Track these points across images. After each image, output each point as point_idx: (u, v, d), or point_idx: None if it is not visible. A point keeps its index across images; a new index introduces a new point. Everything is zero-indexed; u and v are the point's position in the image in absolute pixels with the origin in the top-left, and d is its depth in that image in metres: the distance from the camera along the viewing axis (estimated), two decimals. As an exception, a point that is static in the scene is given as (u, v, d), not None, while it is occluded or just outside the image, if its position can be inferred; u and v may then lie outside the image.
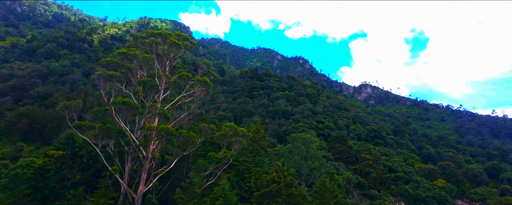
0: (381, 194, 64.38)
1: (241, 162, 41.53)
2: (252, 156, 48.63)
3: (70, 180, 48.86)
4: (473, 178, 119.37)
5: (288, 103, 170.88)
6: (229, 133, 33.32)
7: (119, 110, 30.19)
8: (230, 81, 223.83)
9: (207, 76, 37.90)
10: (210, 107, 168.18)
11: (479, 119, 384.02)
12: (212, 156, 31.73)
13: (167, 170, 32.68)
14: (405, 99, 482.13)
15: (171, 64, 35.54)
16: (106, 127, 30.37)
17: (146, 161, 30.87)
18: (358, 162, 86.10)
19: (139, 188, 30.50)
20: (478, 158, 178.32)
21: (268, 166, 44.45)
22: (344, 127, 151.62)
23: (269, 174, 29.04)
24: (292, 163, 49.89)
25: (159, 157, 32.84)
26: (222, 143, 34.39)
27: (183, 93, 34.63)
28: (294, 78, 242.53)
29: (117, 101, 28.79)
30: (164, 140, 30.51)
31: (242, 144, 34.73)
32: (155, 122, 32.84)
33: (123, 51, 32.57)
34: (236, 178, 40.94)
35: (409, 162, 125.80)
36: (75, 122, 30.04)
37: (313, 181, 50.63)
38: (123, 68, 34.65)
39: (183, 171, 38.25)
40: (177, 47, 34.00)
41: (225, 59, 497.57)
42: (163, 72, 33.25)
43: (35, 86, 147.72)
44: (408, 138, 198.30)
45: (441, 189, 77.95)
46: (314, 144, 55.37)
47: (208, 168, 31.92)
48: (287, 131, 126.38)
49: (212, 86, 36.71)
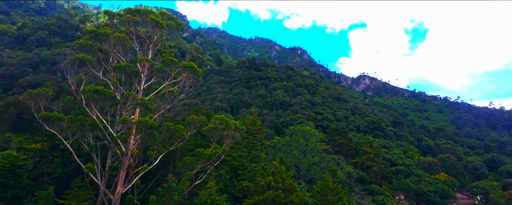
0: (383, 189, 61.48)
1: (235, 157, 37.89)
2: (248, 150, 44.99)
3: (50, 175, 45.18)
4: (474, 171, 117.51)
5: (286, 93, 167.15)
6: (220, 126, 29.49)
7: (92, 99, 26.20)
8: (227, 71, 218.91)
9: (197, 62, 33.72)
10: (206, 97, 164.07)
11: (476, 110, 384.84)
12: (200, 152, 27.97)
13: (150, 168, 29.02)
14: (403, 91, 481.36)
15: (154, 48, 31.32)
16: (78, 119, 26.44)
17: (125, 158, 27.12)
18: (358, 155, 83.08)
19: (117, 188, 26.88)
20: (477, 150, 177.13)
21: (264, 161, 40.89)
22: (343, 119, 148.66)
23: (264, 177, 25.31)
24: (290, 158, 46.47)
25: (141, 154, 29.08)
26: (213, 138, 30.56)
27: (168, 81, 30.54)
28: (292, 69, 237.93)
29: (87, 89, 24.69)
30: (144, 134, 26.70)
31: (235, 138, 30.96)
32: (136, 113, 28.95)
33: (91, 29, 28.18)
34: (229, 175, 37.36)
35: (408, 155, 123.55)
36: (41, 113, 26.06)
37: (312, 176, 47.39)
38: (101, 52, 30.44)
39: (169, 168, 34.57)
40: (159, 28, 29.68)
41: (222, 49, 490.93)
42: (144, 57, 29.03)
43: (25, 75, 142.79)
44: (406, 130, 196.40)
45: (443, 183, 75.28)
46: (314, 138, 51.85)
47: (196, 166, 28.20)
48: (285, 122, 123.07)
49: (202, 73, 32.64)
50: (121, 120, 25.37)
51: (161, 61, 29.53)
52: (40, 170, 46.36)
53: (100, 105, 27.81)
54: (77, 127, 27.14)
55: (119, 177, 27.34)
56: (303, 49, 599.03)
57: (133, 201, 27.74)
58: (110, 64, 29.03)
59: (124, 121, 24.87)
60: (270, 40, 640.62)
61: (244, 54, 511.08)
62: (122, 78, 32.36)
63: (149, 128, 25.45)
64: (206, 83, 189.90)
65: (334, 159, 59.63)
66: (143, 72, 30.49)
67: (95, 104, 26.88)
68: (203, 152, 28.11)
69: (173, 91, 31.54)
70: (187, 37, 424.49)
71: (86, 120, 26.83)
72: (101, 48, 30.06)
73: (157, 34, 30.77)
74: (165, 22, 29.96)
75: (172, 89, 30.83)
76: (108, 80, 30.35)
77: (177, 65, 30.33)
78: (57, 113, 26.35)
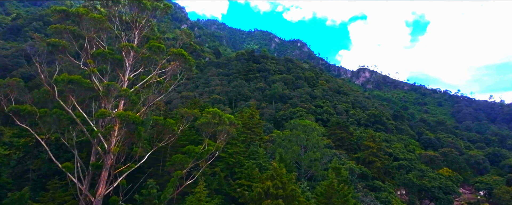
0: (386, 186, 59.09)
1: (231, 154, 35.08)
2: (245, 146, 42.23)
3: (35, 172, 42.48)
4: (476, 165, 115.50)
5: (285, 86, 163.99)
6: (213, 121, 26.58)
7: (69, 90, 23.16)
8: (226, 63, 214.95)
9: (190, 50, 30.57)
10: (204, 90, 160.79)
11: (476, 104, 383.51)
12: (191, 150, 25.12)
13: (136, 166, 26.26)
14: (403, 84, 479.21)
15: (141, 35, 28.12)
16: (54, 112, 23.48)
17: (107, 156, 24.30)
18: (360, 150, 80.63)
19: (99, 190, 24.15)
20: (478, 144, 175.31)
21: (263, 158, 38.16)
22: (344, 112, 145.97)
23: (262, 181, 22.30)
24: (290, 154, 43.77)
25: (126, 151, 26.25)
26: (206, 133, 27.66)
27: (156, 70, 27.43)
28: (292, 61, 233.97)
29: (60, 79, 21.64)
30: (128, 130, 23.87)
31: (230, 134, 28.09)
32: (120, 106, 26.00)
33: (60, 9, 24.72)
34: (225, 173, 34.63)
35: (410, 148, 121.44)
36: (10, 106, 23.10)
37: (313, 173, 44.79)
38: (81, 39, 27.26)
39: (160, 166, 31.81)
40: (143, 10, 26.43)
41: (221, 41, 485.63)
42: (128, 43, 25.88)
43: (19, 66, 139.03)
44: (406, 123, 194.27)
45: (447, 178, 73.05)
46: (315, 132, 49.06)
47: (186, 165, 25.39)
48: (284, 115, 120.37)
49: (194, 62, 29.53)
50: (98, 113, 22.40)
51: (147, 48, 26.36)
52: (24, 166, 43.66)
53: (77, 97, 24.81)
54: (53, 121, 24.24)
55: (100, 177, 24.60)
56: (302, 41, 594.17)
57: (117, 203, 25.09)
58: (87, 51, 25.84)
59: (101, 115, 21.91)
60: (270, 33, 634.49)
61: (243, 46, 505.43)
62: (108, 68, 29.29)
63: (132, 122, 22.51)
64: (204, 76, 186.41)
65: (336, 155, 56.96)
66: (128, 60, 27.36)
67: (72, 96, 23.83)
68: (194, 149, 25.23)
69: (162, 82, 28.43)
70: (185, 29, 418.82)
71: (62, 114, 23.88)
72: (80, 33, 26.92)
73: (143, 19, 27.56)
74: (149, 3, 26.64)
75: (160, 79, 27.72)
76: (90, 70, 27.29)
77: (167, 53, 27.21)
78: (29, 106, 23.35)
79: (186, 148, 25.71)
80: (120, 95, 23.97)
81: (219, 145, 27.66)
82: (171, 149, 32.94)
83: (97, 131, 23.24)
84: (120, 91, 23.57)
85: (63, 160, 39.40)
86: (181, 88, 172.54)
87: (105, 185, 24.56)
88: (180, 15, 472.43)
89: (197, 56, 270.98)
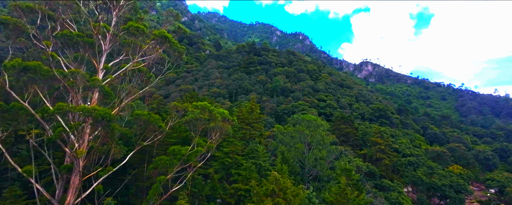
0: (395, 185, 55.21)
1: (227, 153, 31.12)
2: (244, 143, 38.24)
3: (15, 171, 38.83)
4: (485, 161, 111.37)
5: (287, 79, 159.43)
6: (203, 117, 22.47)
7: (29, 80, 19.19)
8: (226, 56, 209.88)
9: (177, 36, 26.33)
10: (204, 83, 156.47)
11: (480, 98, 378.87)
12: (176, 151, 21.07)
13: (115, 169, 22.43)
14: (406, 78, 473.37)
15: (119, 15, 23.86)
16: (11, 106, 19.46)
17: (76, 158, 20.44)
18: (365, 146, 76.65)
19: (67, 198, 20.36)
20: (485, 139, 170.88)
21: (263, 157, 34.13)
22: (347, 106, 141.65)
23: (259, 197, 18.22)
24: (293, 152, 39.75)
25: (105, 152, 22.33)
26: (195, 131, 23.57)
27: (137, 57, 23.24)
28: (294, 54, 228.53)
29: (10, 65, 17.56)
30: (101, 128, 19.94)
31: (224, 132, 24.02)
32: (94, 99, 21.99)
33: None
34: (220, 174, 30.70)
35: (416, 144, 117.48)
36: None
37: (317, 173, 40.81)
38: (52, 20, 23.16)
39: (144, 167, 27.93)
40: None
41: (222, 34, 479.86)
42: (101, 24, 21.66)
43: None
44: (411, 117, 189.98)
45: (458, 176, 69.08)
46: (320, 128, 44.88)
47: (171, 170, 21.39)
48: (286, 109, 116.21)
49: (182, 48, 25.17)
50: (55, 108, 18.31)
51: (124, 30, 22.11)
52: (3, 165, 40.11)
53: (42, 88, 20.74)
54: (11, 117, 20.29)
55: (70, 183, 20.81)
56: (304, 34, 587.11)
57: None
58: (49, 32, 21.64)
59: (58, 109, 17.81)
60: (271, 26, 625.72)
61: (244, 39, 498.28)
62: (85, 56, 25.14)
63: (103, 119, 18.45)
64: (203, 69, 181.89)
65: (343, 152, 52.83)
66: (104, 45, 23.17)
67: (33, 87, 19.77)
68: (180, 151, 21.14)
69: (143, 71, 24.23)
70: (186, 21, 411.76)
71: (22, 108, 19.90)
72: (49, 14, 22.77)
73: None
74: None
75: (141, 67, 23.50)
76: (62, 58, 23.23)
77: (151, 36, 22.95)
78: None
79: (171, 148, 21.63)
80: (90, 86, 19.85)
81: (211, 145, 23.60)
82: (159, 148, 29.00)
83: (59, 129, 19.20)
84: (89, 81, 19.44)
85: (43, 160, 35.57)
86: (181, 82, 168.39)
87: (75, 192, 20.73)
88: (180, 7, 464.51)
89: (197, 49, 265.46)
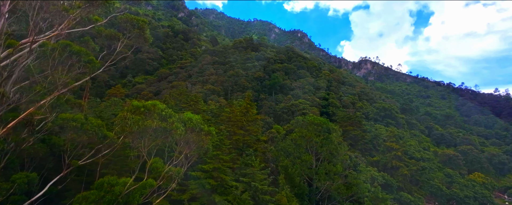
0: (416, 199, 46.67)
1: (209, 172, 22.35)
2: (235, 153, 29.34)
3: None
4: (500, 165, 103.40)
5: (286, 76, 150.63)
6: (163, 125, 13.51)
7: None
8: (222, 51, 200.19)
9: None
10: (198, 79, 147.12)
11: (481, 97, 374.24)
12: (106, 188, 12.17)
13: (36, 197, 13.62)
14: (405, 76, 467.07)
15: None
16: None
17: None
18: (375, 150, 68.15)
19: None
20: (492, 140, 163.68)
21: (258, 177, 25.24)
22: (350, 105, 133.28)
23: None
24: (298, 167, 30.89)
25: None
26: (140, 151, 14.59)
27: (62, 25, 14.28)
28: (293, 50, 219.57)
29: None
30: None
31: (201, 147, 15.20)
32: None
33: None
34: (198, 203, 21.83)
35: (424, 146, 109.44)
36: None
37: (329, 193, 31.83)
38: None
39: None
40: None
41: (220, 31, 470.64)
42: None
43: None
44: (415, 117, 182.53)
45: (481, 185, 60.82)
46: (333, 134, 35.90)
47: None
48: (285, 108, 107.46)
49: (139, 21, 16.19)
50: None
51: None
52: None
53: None
54: None
55: None
56: (303, 32, 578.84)
57: None
58: None
59: None
60: (270, 23, 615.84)
61: (242, 36, 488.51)
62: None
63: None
64: (198, 64, 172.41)
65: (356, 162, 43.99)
66: (3, 7, 14.28)
67: None
68: (114, 188, 12.12)
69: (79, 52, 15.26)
70: (182, 17, 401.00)
71: None
72: None
73: None
74: None
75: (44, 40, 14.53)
76: None
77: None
78: None
79: (100, 181, 12.68)
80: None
81: (179, 169, 14.60)
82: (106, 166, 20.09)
83: None
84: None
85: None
86: (173, 78, 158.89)
87: None
88: (177, 3, 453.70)
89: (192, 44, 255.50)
